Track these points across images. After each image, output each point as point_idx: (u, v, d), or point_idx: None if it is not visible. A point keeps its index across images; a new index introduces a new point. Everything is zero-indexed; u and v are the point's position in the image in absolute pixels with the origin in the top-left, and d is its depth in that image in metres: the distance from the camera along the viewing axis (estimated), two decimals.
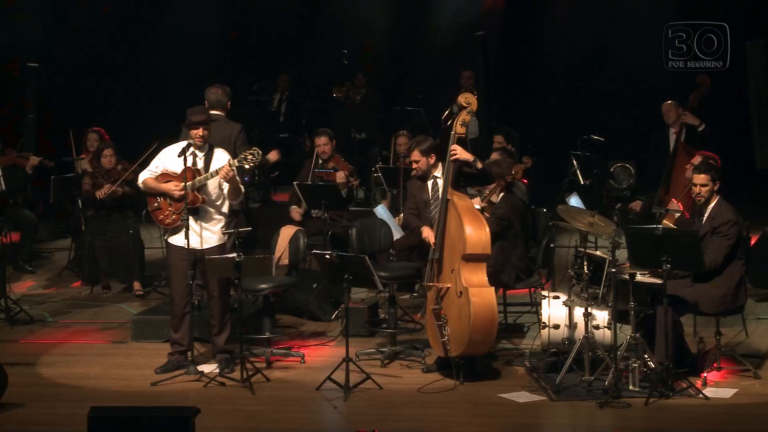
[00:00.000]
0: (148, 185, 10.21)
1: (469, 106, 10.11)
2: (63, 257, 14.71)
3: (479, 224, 9.75)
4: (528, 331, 11.33)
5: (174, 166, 10.07)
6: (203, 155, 10.11)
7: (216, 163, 10.08)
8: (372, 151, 17.16)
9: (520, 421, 8.99)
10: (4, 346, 11.04)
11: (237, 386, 9.71)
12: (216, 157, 10.13)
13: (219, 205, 10.17)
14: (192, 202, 10.01)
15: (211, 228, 10.13)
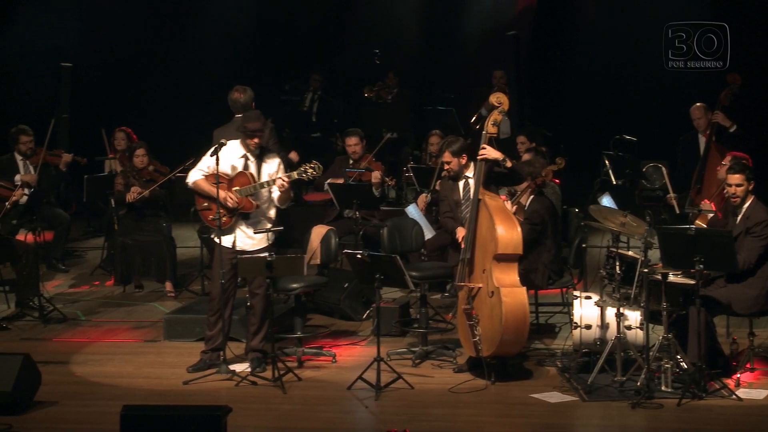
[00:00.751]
0: (200, 186, 10.21)
1: (501, 106, 10.10)
2: (96, 256, 14.78)
3: (511, 224, 9.74)
4: (560, 331, 11.30)
5: (224, 167, 10.09)
6: (255, 159, 10.14)
7: (267, 168, 10.11)
8: (403, 151, 17.15)
9: (552, 422, 8.97)
10: (37, 345, 11.10)
11: (269, 385, 9.73)
12: (268, 162, 10.16)
13: (266, 209, 10.21)
14: (246, 208, 10.05)
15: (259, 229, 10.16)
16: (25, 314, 12.18)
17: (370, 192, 13.05)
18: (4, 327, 11.75)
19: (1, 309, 12.33)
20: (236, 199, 10.01)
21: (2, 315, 12.14)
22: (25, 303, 12.27)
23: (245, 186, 10.04)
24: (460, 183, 10.49)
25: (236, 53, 18.97)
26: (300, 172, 10.09)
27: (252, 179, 10.05)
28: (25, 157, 14.18)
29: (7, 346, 10.76)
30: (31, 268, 12.16)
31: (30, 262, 12.15)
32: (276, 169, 10.13)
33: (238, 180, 10.07)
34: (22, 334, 11.62)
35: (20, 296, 12.32)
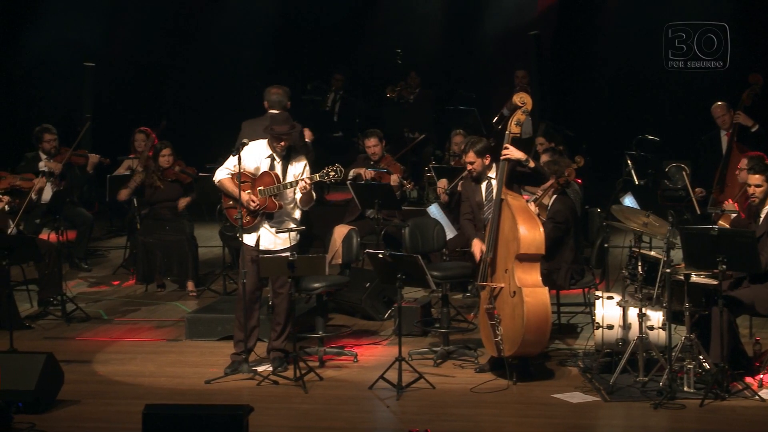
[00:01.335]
0: (225, 186, 10.23)
1: (524, 106, 10.08)
2: (118, 256, 14.82)
3: (533, 224, 9.73)
4: (581, 331, 11.28)
5: (249, 166, 10.11)
6: (281, 160, 10.16)
7: (293, 169, 10.13)
8: (425, 151, 17.14)
9: (574, 422, 8.95)
10: (60, 344, 11.13)
11: (290, 385, 9.74)
12: (294, 163, 10.18)
13: (291, 209, 10.23)
14: (269, 208, 10.06)
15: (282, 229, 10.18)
16: (48, 313, 12.22)
17: (391, 192, 13.05)
18: (27, 326, 11.79)
19: (25, 308, 12.37)
20: (258, 201, 10.03)
21: (25, 314, 12.18)
22: (48, 302, 12.32)
23: (269, 186, 10.05)
24: (483, 184, 10.47)
25: (259, 53, 19.00)
26: (322, 175, 10.10)
27: (276, 180, 10.06)
28: (50, 155, 14.24)
29: (30, 345, 10.80)
30: (54, 267, 12.21)
31: (53, 262, 12.20)
32: (302, 171, 10.14)
33: (263, 180, 10.09)
34: (45, 333, 11.66)
35: (43, 295, 12.37)
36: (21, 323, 11.67)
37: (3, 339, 10.54)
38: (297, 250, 10.14)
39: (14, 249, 10.77)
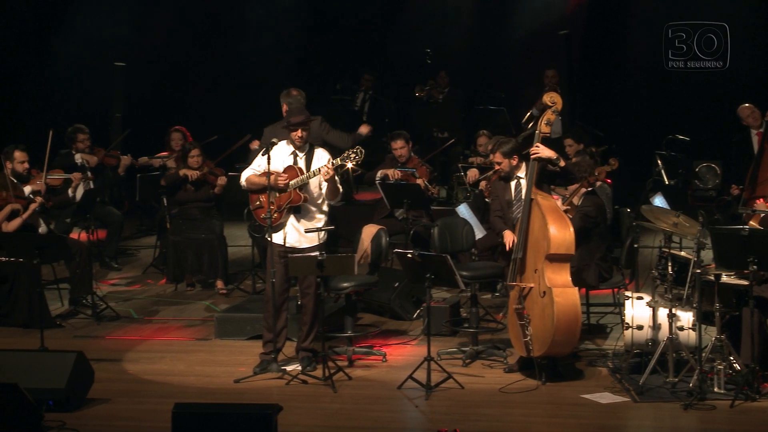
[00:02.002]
0: (252, 181, 10.27)
1: (554, 105, 10.07)
2: (148, 255, 14.88)
3: (563, 224, 9.70)
4: (611, 331, 11.24)
5: (276, 165, 10.12)
6: (304, 155, 10.18)
7: (317, 162, 10.14)
8: (454, 151, 17.13)
9: (603, 423, 8.92)
10: (90, 343, 11.18)
11: (319, 384, 9.75)
12: (317, 156, 10.19)
13: (319, 204, 10.24)
14: (294, 201, 10.07)
15: (311, 227, 10.18)
16: (79, 312, 12.28)
17: (420, 191, 13.05)
18: (58, 324, 11.85)
19: (55, 307, 12.43)
20: (285, 178, 10.02)
21: (56, 313, 12.24)
22: (78, 301, 12.37)
23: (294, 179, 10.06)
24: (512, 183, 10.45)
25: (288, 53, 19.03)
26: (343, 158, 10.08)
27: (300, 172, 10.08)
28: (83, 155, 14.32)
29: (61, 344, 10.85)
30: (85, 266, 12.26)
31: (83, 261, 12.25)
32: (326, 163, 10.14)
33: (288, 174, 10.09)
34: (76, 332, 11.71)
35: (74, 294, 12.43)
36: (52, 322, 11.73)
37: (34, 338, 10.60)
38: (324, 249, 10.14)
39: (45, 248, 10.83)
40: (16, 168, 12.47)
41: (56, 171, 13.38)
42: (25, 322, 11.69)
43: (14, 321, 11.82)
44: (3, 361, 9.33)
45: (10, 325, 11.81)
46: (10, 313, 11.87)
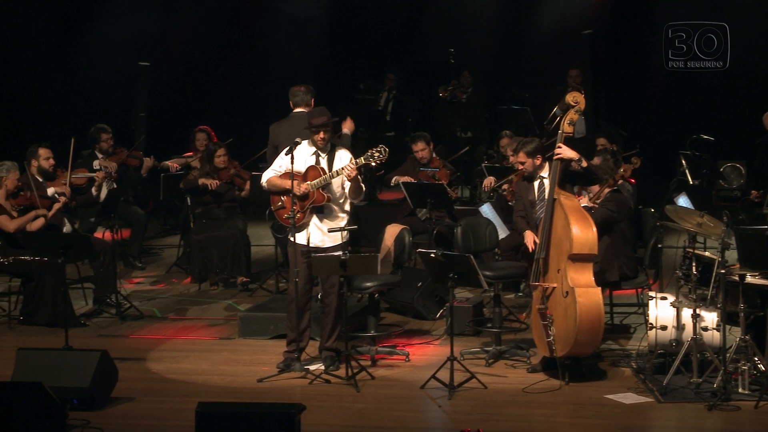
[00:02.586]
0: (273, 183, 10.28)
1: (577, 105, 10.05)
2: (172, 254, 14.91)
3: (586, 224, 9.68)
4: (635, 332, 11.21)
5: (298, 165, 10.12)
6: (326, 155, 10.18)
7: (338, 161, 10.14)
8: (477, 151, 17.12)
9: (627, 423, 8.90)
10: (114, 341, 11.22)
11: (342, 384, 9.76)
12: (338, 156, 10.20)
13: (342, 204, 10.24)
14: (317, 201, 10.08)
15: (334, 226, 10.19)
16: (103, 311, 12.32)
17: (443, 191, 13.05)
18: (82, 323, 11.89)
19: (79, 306, 12.47)
20: (305, 187, 10.03)
21: (80, 311, 12.29)
22: (102, 300, 12.41)
23: (316, 179, 10.07)
24: (535, 183, 10.44)
25: (312, 52, 19.05)
26: (367, 158, 10.06)
27: (322, 172, 10.08)
28: (106, 155, 14.38)
29: (85, 343, 10.89)
30: (109, 265, 12.31)
31: (107, 260, 12.29)
32: (348, 163, 10.14)
33: (309, 174, 10.10)
34: (100, 331, 11.75)
35: (98, 293, 12.47)
36: (76, 321, 11.78)
37: (58, 336, 10.63)
38: (346, 248, 10.14)
39: (70, 247, 10.86)
40: (42, 165, 12.53)
41: (80, 170, 13.43)
42: (49, 321, 11.74)
43: (39, 320, 11.87)
44: (28, 360, 9.38)
45: (34, 324, 11.86)
46: (34, 312, 11.92)
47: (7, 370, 9.49)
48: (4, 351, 10.45)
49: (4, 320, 12.06)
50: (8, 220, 11.85)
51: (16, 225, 11.85)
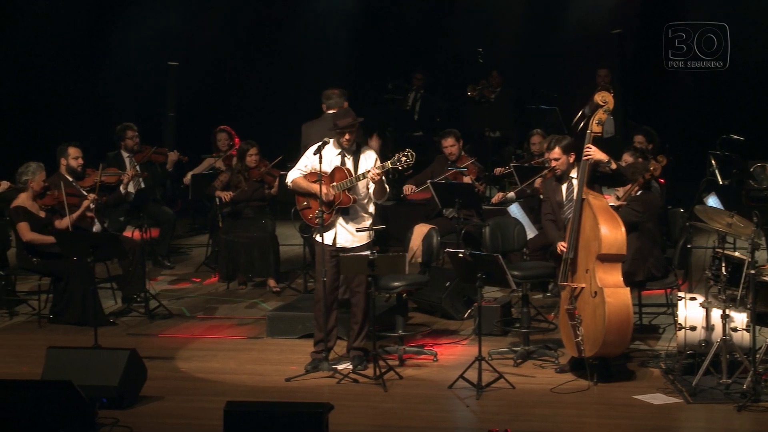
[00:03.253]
0: (299, 185, 10.28)
1: (606, 105, 10.00)
2: (200, 253, 14.94)
3: (615, 224, 9.65)
4: (664, 332, 11.18)
5: (324, 165, 10.11)
6: (352, 156, 10.19)
7: (364, 162, 10.15)
8: (506, 150, 17.09)
9: (655, 424, 8.88)
10: (143, 340, 11.26)
11: (370, 383, 9.77)
12: (364, 156, 10.21)
13: (365, 204, 10.25)
14: (344, 203, 10.09)
15: (359, 227, 10.20)
16: (132, 310, 12.36)
17: (471, 191, 13.03)
18: (111, 322, 11.93)
19: (109, 305, 12.52)
20: (333, 193, 10.04)
21: (109, 310, 12.33)
22: (131, 299, 12.45)
23: (342, 180, 10.08)
24: (564, 184, 10.40)
25: (339, 52, 19.06)
26: (393, 161, 10.07)
27: (348, 174, 10.09)
28: (132, 153, 14.45)
29: (114, 342, 10.94)
30: (138, 264, 12.35)
31: (136, 259, 12.34)
32: (373, 164, 10.15)
33: (335, 176, 10.12)
34: (129, 330, 11.80)
35: (127, 292, 12.51)
36: (105, 320, 11.82)
37: (87, 335, 10.67)
38: (376, 248, 10.15)
39: (99, 246, 10.91)
40: (71, 164, 12.60)
41: (110, 169, 13.48)
42: (78, 319, 11.79)
43: (68, 319, 11.92)
44: (57, 359, 9.43)
45: (64, 323, 11.92)
46: (64, 310, 11.98)
47: (37, 369, 9.54)
48: (34, 350, 10.50)
49: (33, 319, 12.12)
50: (27, 229, 11.84)
51: (32, 238, 11.85)
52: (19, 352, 10.99)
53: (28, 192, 11.99)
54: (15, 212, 11.89)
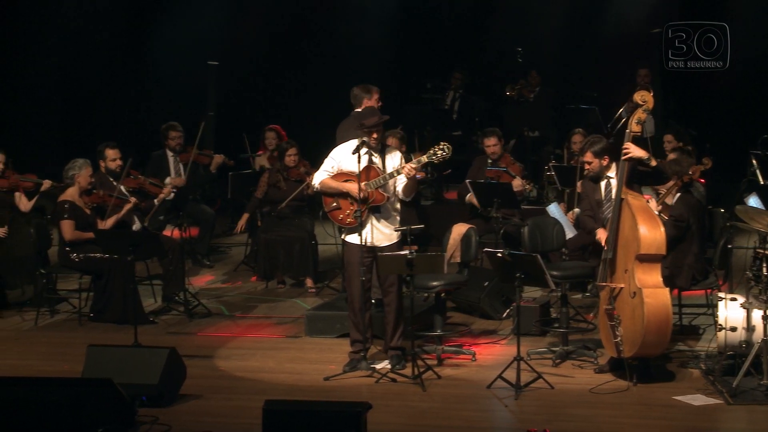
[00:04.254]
0: (328, 185, 10.29)
1: (645, 104, 9.95)
2: (239, 252, 15.00)
3: (654, 224, 9.60)
4: (704, 333, 11.11)
5: (349, 165, 10.14)
6: (379, 154, 10.20)
7: (390, 160, 10.16)
8: (545, 150, 17.05)
9: (695, 425, 8.83)
10: (183, 339, 11.31)
11: (408, 383, 9.77)
12: (390, 155, 10.22)
13: (394, 203, 10.25)
14: (377, 201, 10.09)
15: (390, 225, 10.20)
16: (171, 309, 12.43)
17: (510, 191, 13.01)
18: (151, 321, 12.00)
19: (149, 303, 12.59)
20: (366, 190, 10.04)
21: (149, 309, 12.40)
22: (171, 298, 12.52)
23: (374, 178, 10.08)
24: (602, 183, 10.37)
25: (378, 51, 19.07)
26: (430, 155, 10.05)
27: (379, 171, 10.10)
28: (175, 153, 14.52)
29: (154, 340, 11.01)
30: (177, 263, 12.41)
31: (176, 258, 12.40)
32: (399, 162, 10.15)
33: (367, 174, 10.11)
34: (168, 329, 11.86)
35: (166, 291, 12.58)
36: (145, 318, 11.89)
37: (128, 334, 10.75)
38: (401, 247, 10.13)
39: (139, 245, 10.97)
40: (109, 166, 12.69)
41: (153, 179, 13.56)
42: (119, 318, 11.86)
43: (109, 317, 12.00)
44: (98, 357, 9.49)
45: (104, 321, 11.99)
46: (104, 309, 12.06)
47: (78, 367, 9.61)
48: (75, 348, 10.57)
49: (74, 317, 12.22)
50: (70, 228, 11.92)
51: (73, 237, 11.94)
52: (59, 350, 11.07)
53: (75, 187, 12.09)
54: (61, 206, 11.98)
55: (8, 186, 12.65)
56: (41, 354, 11.06)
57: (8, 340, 11.62)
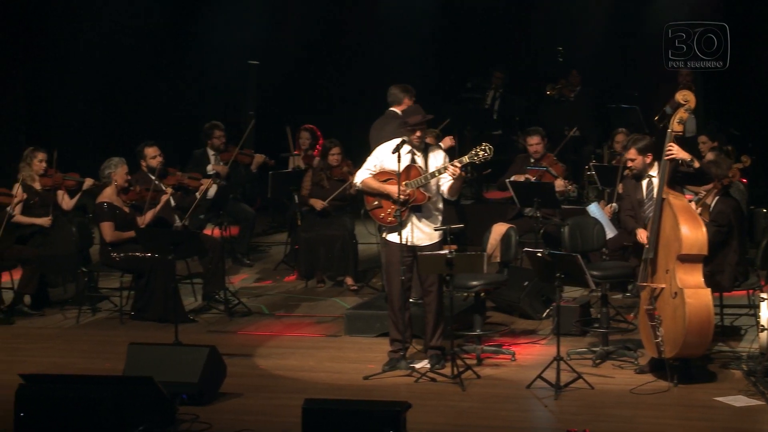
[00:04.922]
0: (369, 185, 10.28)
1: (687, 104, 9.90)
2: (279, 251, 15.04)
3: (696, 224, 9.55)
4: (745, 333, 11.05)
5: (391, 164, 10.12)
6: (421, 153, 10.18)
7: (433, 159, 10.14)
8: (585, 150, 16.99)
9: (737, 426, 8.77)
10: (223, 338, 11.35)
11: (448, 382, 9.76)
12: (433, 154, 10.20)
13: (436, 202, 10.24)
14: (418, 200, 10.08)
15: (431, 225, 10.19)
16: (212, 307, 12.48)
17: (551, 190, 12.97)
18: (191, 319, 12.05)
19: (189, 302, 12.64)
20: (408, 191, 10.02)
21: (190, 308, 12.45)
22: (211, 296, 12.57)
23: (416, 178, 10.06)
24: (644, 182, 10.32)
25: (419, 51, 19.05)
26: (471, 156, 10.03)
27: (421, 171, 10.08)
28: (218, 151, 14.60)
29: (194, 339, 11.05)
30: (218, 262, 12.46)
31: (216, 257, 12.45)
32: (442, 161, 10.13)
33: (408, 173, 10.09)
34: (209, 327, 11.90)
35: (207, 289, 12.63)
36: (185, 317, 11.94)
37: (168, 332, 10.80)
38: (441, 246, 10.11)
39: (180, 244, 11.02)
40: (150, 164, 12.76)
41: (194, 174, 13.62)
42: (159, 316, 11.91)
43: (150, 315, 12.06)
44: (139, 355, 9.53)
45: (145, 320, 12.05)
46: (145, 307, 12.12)
47: (119, 365, 9.66)
48: (116, 346, 10.64)
49: (115, 316, 12.29)
50: (110, 229, 12.00)
51: (114, 238, 12.01)
52: (101, 348, 11.14)
53: (112, 186, 12.17)
54: (100, 208, 12.06)
55: (51, 184, 12.75)
56: (83, 352, 11.14)
57: (51, 338, 11.71)
